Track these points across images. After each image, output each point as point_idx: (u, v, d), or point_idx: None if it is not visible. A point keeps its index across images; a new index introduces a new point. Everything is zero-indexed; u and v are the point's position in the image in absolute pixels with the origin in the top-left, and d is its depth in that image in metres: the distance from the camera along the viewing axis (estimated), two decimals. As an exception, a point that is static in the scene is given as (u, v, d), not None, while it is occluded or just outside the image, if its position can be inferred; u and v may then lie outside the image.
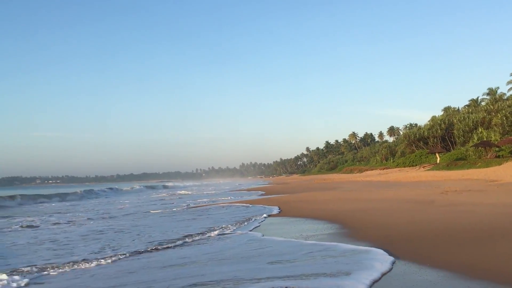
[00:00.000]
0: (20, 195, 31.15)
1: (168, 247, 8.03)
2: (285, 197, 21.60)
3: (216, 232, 9.77)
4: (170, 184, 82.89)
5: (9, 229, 12.47)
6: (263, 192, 30.85)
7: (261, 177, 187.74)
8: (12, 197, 29.43)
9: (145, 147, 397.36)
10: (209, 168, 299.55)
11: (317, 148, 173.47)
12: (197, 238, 9.06)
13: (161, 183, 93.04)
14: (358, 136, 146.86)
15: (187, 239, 8.92)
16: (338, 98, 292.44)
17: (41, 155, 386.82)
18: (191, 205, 20.54)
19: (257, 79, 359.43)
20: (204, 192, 39.11)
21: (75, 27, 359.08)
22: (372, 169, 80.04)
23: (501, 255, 5.91)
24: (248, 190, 39.07)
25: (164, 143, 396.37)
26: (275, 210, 14.59)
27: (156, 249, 7.85)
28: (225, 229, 10.29)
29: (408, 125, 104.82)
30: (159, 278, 5.69)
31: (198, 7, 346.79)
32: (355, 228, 9.43)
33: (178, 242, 8.58)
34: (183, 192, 41.70)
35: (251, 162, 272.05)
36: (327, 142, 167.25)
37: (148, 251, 7.73)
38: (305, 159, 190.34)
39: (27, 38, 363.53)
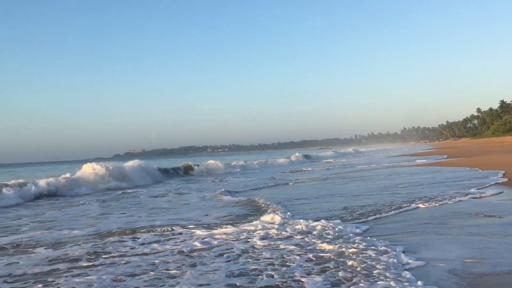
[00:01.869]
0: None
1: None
2: (468, 160, 22.63)
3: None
4: (349, 150, 79.77)
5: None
6: (447, 155, 32.15)
7: (425, 142, 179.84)
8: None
9: (303, 114, 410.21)
10: (368, 134, 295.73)
11: (490, 109, 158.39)
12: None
13: (342, 149, 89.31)
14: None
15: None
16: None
17: (211, 126, 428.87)
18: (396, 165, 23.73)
19: (418, 35, 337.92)
20: (385, 156, 42.00)
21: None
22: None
23: None
24: (428, 153, 40.45)
25: (322, 109, 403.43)
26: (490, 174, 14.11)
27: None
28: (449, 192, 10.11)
29: None
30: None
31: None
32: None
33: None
34: (363, 158, 44.65)
35: (413, 127, 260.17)
36: (502, 101, 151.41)
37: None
38: (475, 121, 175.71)
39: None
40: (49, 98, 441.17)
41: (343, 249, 5.28)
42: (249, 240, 6.15)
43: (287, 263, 4.83)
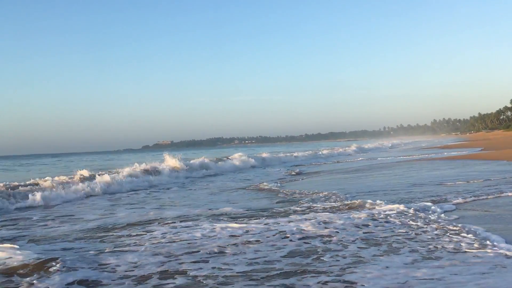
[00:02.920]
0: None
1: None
2: (501, 153, 22.43)
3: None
4: (383, 142, 78.21)
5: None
6: (481, 148, 31.79)
7: (456, 134, 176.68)
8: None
9: (331, 106, 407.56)
10: (397, 126, 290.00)
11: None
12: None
13: (371, 142, 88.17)
14: None
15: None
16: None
17: (238, 118, 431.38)
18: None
19: (451, 26, 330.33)
20: (425, 148, 42.10)
21: None
22: None
23: None
24: (461, 146, 40.14)
25: (349, 101, 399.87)
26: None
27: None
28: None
29: None
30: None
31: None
32: None
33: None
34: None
35: (444, 118, 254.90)
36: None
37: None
38: (509, 113, 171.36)
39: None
40: (79, 92, 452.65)
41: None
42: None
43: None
